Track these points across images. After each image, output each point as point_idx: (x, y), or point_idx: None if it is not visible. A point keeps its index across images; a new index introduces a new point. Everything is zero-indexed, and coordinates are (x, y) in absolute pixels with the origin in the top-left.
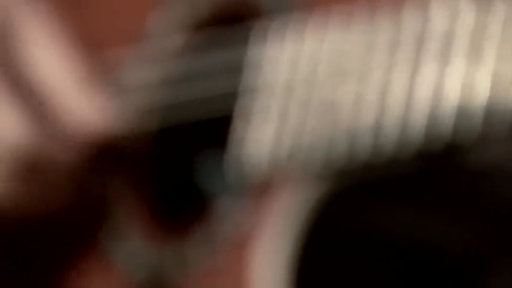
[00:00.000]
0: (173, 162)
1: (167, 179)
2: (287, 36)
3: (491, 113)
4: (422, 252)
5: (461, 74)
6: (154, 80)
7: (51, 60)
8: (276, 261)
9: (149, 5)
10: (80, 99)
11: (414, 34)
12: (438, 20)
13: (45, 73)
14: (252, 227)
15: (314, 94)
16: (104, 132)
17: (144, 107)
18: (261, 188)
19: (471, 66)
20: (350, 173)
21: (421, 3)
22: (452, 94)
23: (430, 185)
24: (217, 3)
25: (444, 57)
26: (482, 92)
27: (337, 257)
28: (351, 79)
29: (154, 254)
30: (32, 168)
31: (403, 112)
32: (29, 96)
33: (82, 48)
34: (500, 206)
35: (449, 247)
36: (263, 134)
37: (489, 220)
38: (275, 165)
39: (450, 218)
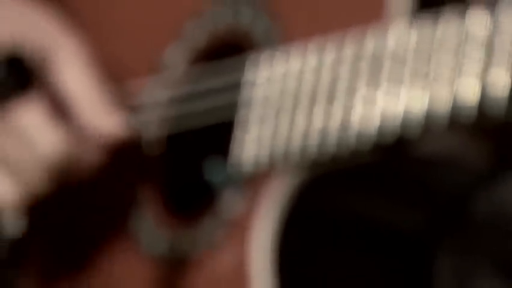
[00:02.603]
0: (186, 162)
1: (180, 175)
2: (274, 61)
3: (430, 115)
4: (381, 230)
5: (406, 89)
6: (171, 95)
7: (80, 82)
8: (266, 237)
9: (166, 38)
10: (103, 113)
11: (372, 56)
12: (392, 45)
13: (75, 92)
14: (248, 211)
15: (298, 106)
16: (121, 138)
17: (162, 117)
18: (255, 180)
19: (413, 82)
20: (321, 164)
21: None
22: (400, 103)
23: (386, 173)
24: (219, 39)
25: (393, 79)
26: (423, 101)
27: (311, 234)
28: (322, 94)
29: (170, 236)
30: (66, 167)
31: (362, 115)
32: (62, 111)
33: (106, 73)
34: (443, 191)
35: (403, 226)
36: (257, 138)
37: (435, 203)
38: (266, 162)
39: (403, 201)
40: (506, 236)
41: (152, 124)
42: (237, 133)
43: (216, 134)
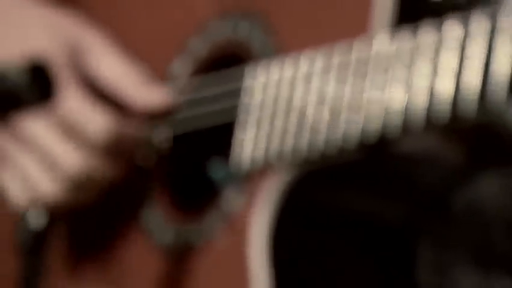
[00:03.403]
0: (191, 161)
1: (186, 173)
2: (270, 69)
3: (408, 116)
4: (366, 224)
5: (387, 93)
6: (178, 100)
7: (117, 67)
8: (262, 229)
9: (173, 52)
10: (145, 89)
11: (357, 63)
12: (375, 54)
13: (116, 76)
14: (246, 205)
15: (290, 109)
16: (166, 107)
17: (170, 120)
18: (253, 177)
19: (393, 86)
20: (311, 162)
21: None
22: (381, 105)
23: (371, 170)
24: (220, 50)
25: (376, 84)
26: (402, 103)
27: (302, 225)
28: (312, 98)
29: (177, 228)
30: (116, 142)
31: (348, 117)
32: (104, 93)
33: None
34: (423, 187)
35: (387, 220)
36: (254, 139)
37: (416, 198)
38: (262, 161)
39: (387, 196)
40: (483, 230)
41: (162, 127)
42: (237, 135)
43: (218, 136)
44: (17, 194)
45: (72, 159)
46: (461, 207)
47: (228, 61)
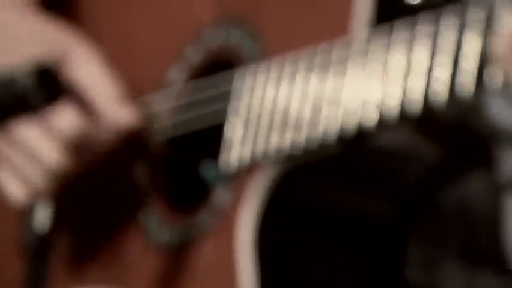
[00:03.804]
0: (184, 163)
1: (179, 174)
2: (259, 74)
3: (383, 109)
4: (355, 220)
5: (364, 89)
6: (173, 105)
7: (95, 77)
8: (249, 224)
9: (170, 60)
10: (117, 104)
11: (337, 63)
12: (354, 53)
13: (90, 86)
14: (235, 202)
15: (275, 109)
16: (133, 126)
17: (165, 124)
18: (241, 175)
19: (371, 83)
20: (295, 158)
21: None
22: (359, 101)
23: (355, 165)
24: (213, 56)
25: (354, 81)
26: (376, 96)
27: (287, 219)
28: (296, 97)
29: (172, 226)
30: (84, 143)
31: (328, 113)
32: (83, 101)
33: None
34: (412, 185)
35: (377, 216)
36: (242, 139)
37: (405, 196)
38: (250, 159)
39: (376, 193)
40: (470, 228)
41: (157, 130)
42: (226, 136)
43: (210, 138)
44: (14, 190)
45: (53, 153)
46: (449, 206)
47: (220, 66)
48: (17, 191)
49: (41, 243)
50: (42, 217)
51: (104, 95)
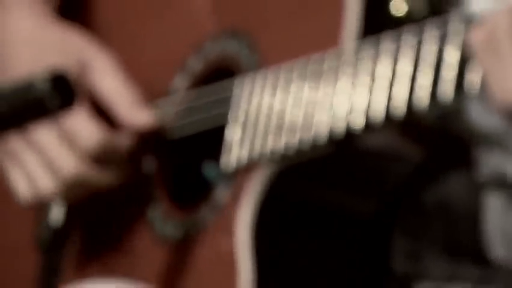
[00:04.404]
0: (187, 163)
1: (183, 173)
2: (256, 82)
3: (369, 114)
4: (346, 216)
5: (352, 95)
6: (177, 109)
7: (115, 86)
8: (247, 219)
9: (174, 70)
10: (136, 110)
11: (328, 71)
12: (344, 63)
13: (111, 94)
14: (234, 199)
15: (271, 113)
16: (149, 129)
17: (170, 126)
18: (240, 174)
19: (358, 90)
20: (288, 158)
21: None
22: (347, 106)
23: (345, 165)
24: (215, 66)
25: (344, 88)
26: (364, 102)
27: (281, 215)
28: (290, 102)
29: (176, 221)
30: (104, 151)
31: (319, 117)
32: (101, 107)
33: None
34: (398, 184)
35: (366, 212)
36: (241, 141)
37: (392, 194)
38: (248, 159)
39: (365, 191)
40: (451, 223)
41: (164, 132)
42: (226, 138)
43: (211, 142)
44: (23, 190)
45: (68, 162)
46: (431, 203)
47: (220, 75)
48: (24, 191)
49: (54, 237)
50: (57, 213)
51: (124, 100)
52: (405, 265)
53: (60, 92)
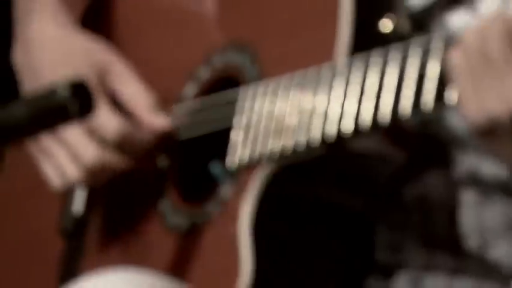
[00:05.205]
0: (196, 161)
1: (192, 170)
2: (258, 90)
3: (359, 120)
4: (334, 211)
5: (343, 103)
6: (188, 114)
7: (134, 91)
8: (249, 212)
9: (185, 79)
10: (152, 114)
11: (325, 78)
12: (336, 75)
13: (131, 98)
14: (238, 194)
15: (271, 117)
16: (165, 130)
17: (182, 129)
18: (243, 172)
19: (349, 99)
20: (285, 158)
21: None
22: (335, 116)
23: (335, 165)
24: (220, 76)
25: (337, 97)
26: (354, 109)
27: (279, 209)
28: (290, 109)
29: (185, 213)
30: (123, 139)
31: (315, 123)
32: (124, 109)
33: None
34: (381, 181)
35: (352, 207)
36: (244, 142)
37: (375, 190)
38: (250, 159)
39: (352, 188)
40: (429, 217)
41: (176, 134)
42: (231, 140)
43: (217, 143)
44: (53, 179)
45: (90, 151)
46: (412, 198)
47: (226, 84)
48: (54, 180)
49: (76, 225)
50: (79, 203)
51: (142, 105)
52: (387, 255)
53: (80, 98)
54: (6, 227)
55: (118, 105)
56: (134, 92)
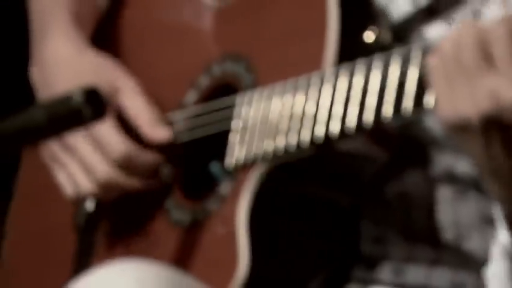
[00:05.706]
0: (197, 161)
1: (194, 169)
2: (254, 96)
3: (344, 122)
4: (322, 206)
5: (331, 108)
6: (189, 119)
7: (139, 107)
8: (245, 208)
9: (186, 87)
10: (155, 128)
11: (314, 85)
12: (325, 83)
13: (136, 114)
14: (235, 191)
15: (266, 120)
16: (167, 143)
17: (183, 130)
18: (240, 171)
19: (336, 104)
20: (278, 158)
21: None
22: (323, 119)
23: (320, 163)
24: (219, 83)
25: (325, 103)
26: (340, 112)
27: (273, 205)
28: (284, 113)
29: (187, 209)
30: (130, 160)
31: (305, 125)
32: (127, 123)
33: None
34: (366, 179)
35: (339, 203)
36: (240, 143)
37: (360, 187)
38: (246, 159)
39: (339, 186)
40: (410, 212)
41: (179, 138)
42: (229, 142)
43: (216, 144)
44: (67, 187)
45: (101, 167)
46: (393, 195)
47: (225, 91)
48: (68, 188)
49: (88, 221)
50: (91, 201)
51: (146, 120)
52: (372, 248)
53: (93, 103)
54: (29, 220)
55: (124, 120)
56: (137, 106)
